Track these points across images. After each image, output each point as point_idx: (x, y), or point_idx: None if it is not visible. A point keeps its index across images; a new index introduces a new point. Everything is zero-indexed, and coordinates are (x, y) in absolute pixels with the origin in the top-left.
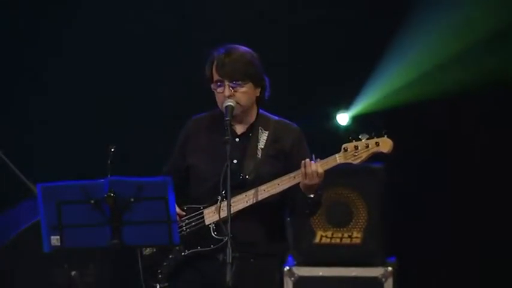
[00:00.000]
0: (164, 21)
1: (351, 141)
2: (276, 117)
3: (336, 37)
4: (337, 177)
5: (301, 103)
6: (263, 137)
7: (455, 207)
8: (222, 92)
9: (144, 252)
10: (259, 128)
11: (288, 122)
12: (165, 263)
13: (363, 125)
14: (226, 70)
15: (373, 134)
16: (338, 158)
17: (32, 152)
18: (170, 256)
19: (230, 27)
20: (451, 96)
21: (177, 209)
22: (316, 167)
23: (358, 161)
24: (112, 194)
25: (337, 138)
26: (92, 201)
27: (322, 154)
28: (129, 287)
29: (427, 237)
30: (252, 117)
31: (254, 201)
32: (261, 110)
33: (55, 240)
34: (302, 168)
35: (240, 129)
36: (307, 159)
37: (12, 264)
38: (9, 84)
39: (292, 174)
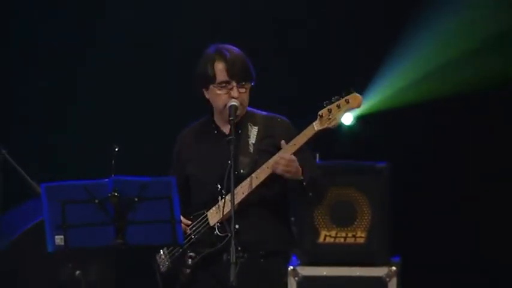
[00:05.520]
0: (164, 21)
1: (324, 107)
2: (264, 113)
3: (340, 36)
4: (341, 177)
5: (305, 102)
6: (253, 132)
7: (460, 206)
8: (227, 93)
9: (161, 270)
10: (248, 124)
11: (276, 115)
12: (181, 275)
13: (368, 124)
14: (236, 71)
15: (342, 93)
16: (315, 126)
17: (36, 152)
18: (185, 267)
19: (228, 27)
20: (455, 96)
21: (183, 219)
22: (280, 158)
23: (334, 123)
24: (116, 194)
25: (341, 138)
26: (96, 201)
27: (327, 153)
28: (132, 287)
29: (431, 236)
30: (240, 115)
31: (250, 190)
32: (247, 107)
33: (59, 239)
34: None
35: (227, 129)
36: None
37: (16, 264)
38: (11, 85)
39: (277, 155)
